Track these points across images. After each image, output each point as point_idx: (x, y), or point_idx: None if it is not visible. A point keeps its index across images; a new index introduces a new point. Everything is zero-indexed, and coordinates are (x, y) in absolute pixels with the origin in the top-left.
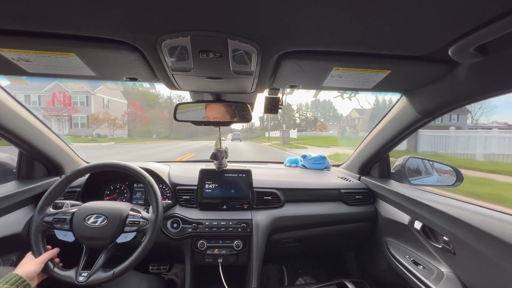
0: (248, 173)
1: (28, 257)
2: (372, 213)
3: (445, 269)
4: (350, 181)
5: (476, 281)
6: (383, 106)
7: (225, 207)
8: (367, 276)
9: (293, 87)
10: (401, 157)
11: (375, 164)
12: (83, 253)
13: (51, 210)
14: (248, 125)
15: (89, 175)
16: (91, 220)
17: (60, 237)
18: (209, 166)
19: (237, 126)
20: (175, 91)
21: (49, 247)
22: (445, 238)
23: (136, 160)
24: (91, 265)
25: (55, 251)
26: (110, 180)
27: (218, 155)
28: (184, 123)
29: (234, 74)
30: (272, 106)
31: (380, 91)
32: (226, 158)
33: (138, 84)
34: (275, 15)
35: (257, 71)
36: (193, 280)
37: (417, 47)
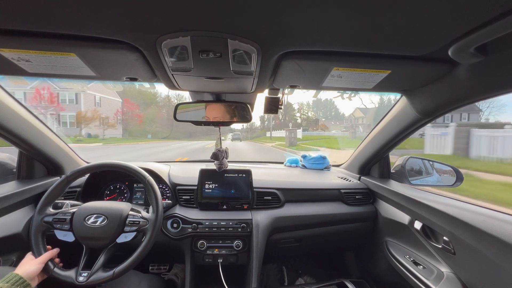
0: (248, 173)
1: (28, 257)
2: (372, 213)
3: (445, 269)
4: (350, 181)
5: (476, 281)
6: (388, 104)
7: (225, 207)
8: (367, 276)
9: (293, 87)
10: (401, 157)
11: (375, 164)
12: (83, 253)
13: (51, 210)
14: (248, 125)
15: (89, 175)
16: (91, 220)
17: (60, 237)
18: (209, 166)
19: (237, 126)
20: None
21: (49, 247)
22: (445, 238)
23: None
24: (91, 265)
25: (55, 251)
26: (110, 180)
27: (219, 155)
28: (182, 123)
29: (234, 74)
30: (272, 106)
31: (380, 91)
32: (226, 158)
33: (138, 84)
34: (275, 15)
35: (257, 71)
36: (193, 280)
37: (417, 47)
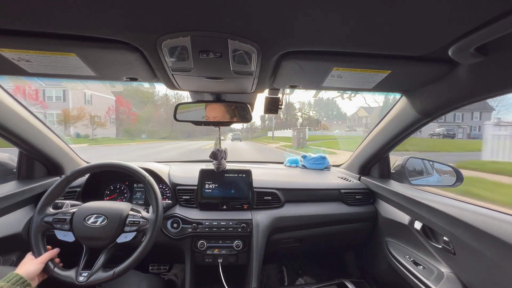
0: (248, 173)
1: (28, 257)
2: (372, 213)
3: (445, 269)
4: (350, 181)
5: (476, 281)
6: (392, 103)
7: (225, 207)
8: (367, 276)
9: (293, 87)
10: (401, 157)
11: (375, 164)
12: (83, 253)
13: (51, 210)
14: (248, 124)
15: (89, 175)
16: (91, 220)
17: (60, 237)
18: (209, 166)
19: (237, 126)
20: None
21: (49, 247)
22: (445, 238)
23: None
24: (91, 265)
25: (55, 251)
26: (110, 180)
27: (217, 155)
28: (181, 123)
29: (234, 74)
30: (272, 106)
31: (380, 91)
32: (225, 159)
33: (138, 84)
34: (275, 15)
35: (257, 71)
36: (193, 280)
37: (417, 47)
